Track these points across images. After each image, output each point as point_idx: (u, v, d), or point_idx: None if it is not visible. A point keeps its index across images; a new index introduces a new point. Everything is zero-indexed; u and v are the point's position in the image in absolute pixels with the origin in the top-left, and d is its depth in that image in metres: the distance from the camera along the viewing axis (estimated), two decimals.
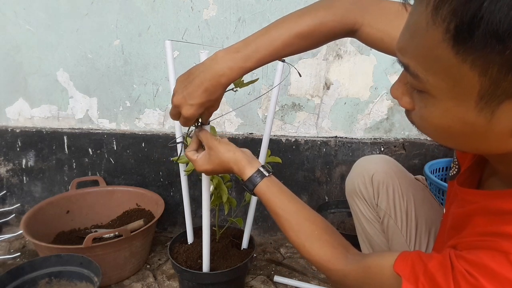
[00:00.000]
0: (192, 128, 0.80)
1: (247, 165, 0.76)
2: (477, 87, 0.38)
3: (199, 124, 0.80)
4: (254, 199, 1.11)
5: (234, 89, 0.84)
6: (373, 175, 0.89)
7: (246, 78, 0.87)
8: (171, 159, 1.06)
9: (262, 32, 0.66)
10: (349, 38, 1.34)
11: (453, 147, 0.49)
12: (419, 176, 0.96)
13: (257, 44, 0.66)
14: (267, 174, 0.77)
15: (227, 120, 1.47)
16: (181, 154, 1.01)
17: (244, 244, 1.16)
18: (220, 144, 0.76)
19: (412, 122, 0.50)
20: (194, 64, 0.69)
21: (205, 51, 0.81)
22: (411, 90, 0.47)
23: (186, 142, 0.98)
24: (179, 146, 1.03)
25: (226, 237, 1.21)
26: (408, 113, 0.50)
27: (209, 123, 0.84)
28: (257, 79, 0.92)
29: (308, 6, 0.67)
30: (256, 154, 1.09)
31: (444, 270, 0.46)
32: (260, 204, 1.51)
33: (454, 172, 0.70)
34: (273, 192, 0.76)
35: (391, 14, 0.66)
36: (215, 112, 0.76)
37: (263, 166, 0.77)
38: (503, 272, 0.41)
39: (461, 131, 0.43)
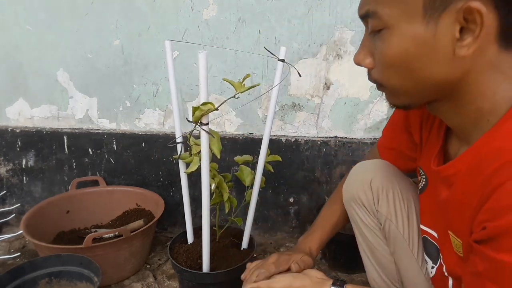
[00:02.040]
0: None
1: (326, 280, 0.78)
2: (421, 2, 0.48)
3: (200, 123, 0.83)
4: (254, 199, 1.11)
5: (236, 96, 0.85)
6: (372, 181, 0.87)
7: (247, 82, 0.88)
8: (173, 157, 1.06)
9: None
10: (349, 38, 1.34)
11: (410, 83, 0.54)
12: (416, 179, 0.95)
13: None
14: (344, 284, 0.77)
15: (227, 120, 1.47)
16: (181, 154, 1.01)
17: (244, 244, 1.16)
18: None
19: (374, 80, 0.58)
20: (194, 65, 0.69)
21: (204, 51, 0.81)
22: (370, 50, 0.56)
23: (189, 142, 0.98)
24: (179, 146, 1.03)
25: (226, 237, 1.21)
26: (370, 74, 0.59)
27: (207, 123, 0.84)
28: (258, 84, 0.92)
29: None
30: (256, 154, 1.09)
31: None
32: (261, 204, 1.51)
33: (423, 184, 0.74)
34: None
35: None
36: (214, 112, 0.77)
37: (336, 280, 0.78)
38: None
39: (416, 53, 0.51)
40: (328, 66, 1.38)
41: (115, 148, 1.51)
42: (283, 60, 0.94)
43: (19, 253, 1.39)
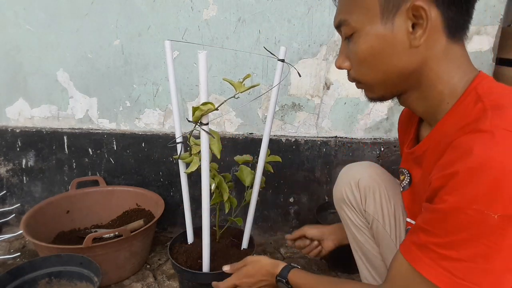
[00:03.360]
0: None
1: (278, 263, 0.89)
2: (377, 6, 0.60)
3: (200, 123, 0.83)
4: (254, 199, 1.11)
5: (236, 96, 0.85)
6: (359, 181, 0.91)
7: (247, 82, 0.88)
8: (173, 157, 1.06)
9: None
10: None
11: (381, 75, 0.64)
12: None
13: None
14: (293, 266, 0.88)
15: (227, 120, 1.47)
16: (181, 154, 1.01)
17: (244, 244, 1.16)
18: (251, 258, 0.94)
19: (353, 79, 0.69)
20: (194, 65, 0.70)
21: (204, 51, 0.80)
22: (347, 54, 0.67)
23: (189, 142, 0.98)
24: (179, 146, 1.03)
25: (226, 237, 1.21)
26: (349, 75, 0.70)
27: (207, 123, 0.84)
28: (258, 84, 0.92)
29: None
30: (256, 153, 1.09)
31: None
32: (260, 204, 1.51)
33: (406, 182, 0.79)
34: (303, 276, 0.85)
35: None
36: (214, 112, 0.77)
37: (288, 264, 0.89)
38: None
39: (380, 48, 0.61)
40: (328, 66, 1.38)
41: (115, 148, 1.51)
42: (283, 60, 0.94)
43: (19, 253, 1.39)
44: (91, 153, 1.52)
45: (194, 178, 1.50)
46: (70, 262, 1.13)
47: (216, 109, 0.84)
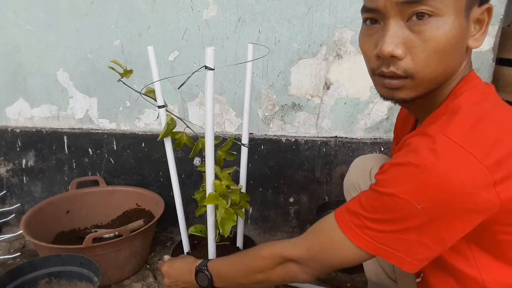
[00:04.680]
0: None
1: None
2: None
3: None
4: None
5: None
6: (371, 169, 0.92)
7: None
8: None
9: None
10: (349, 38, 1.34)
11: (442, 69, 0.59)
12: None
13: None
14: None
15: (227, 120, 1.47)
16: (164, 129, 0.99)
17: (239, 243, 1.15)
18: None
19: (404, 70, 0.58)
20: (194, 65, 0.70)
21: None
22: (404, 39, 0.57)
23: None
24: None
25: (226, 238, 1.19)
26: (396, 65, 0.58)
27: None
28: (131, 71, 0.96)
29: None
30: (256, 153, 1.09)
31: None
32: (260, 204, 1.51)
33: None
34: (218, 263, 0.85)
35: None
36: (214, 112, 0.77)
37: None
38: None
39: (457, 41, 0.57)
40: (328, 66, 1.38)
41: (115, 148, 1.51)
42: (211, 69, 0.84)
43: (19, 253, 1.39)
44: (91, 153, 1.52)
45: (195, 178, 1.50)
46: (70, 262, 1.13)
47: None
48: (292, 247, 0.71)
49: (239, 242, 1.16)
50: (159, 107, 0.99)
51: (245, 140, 1.03)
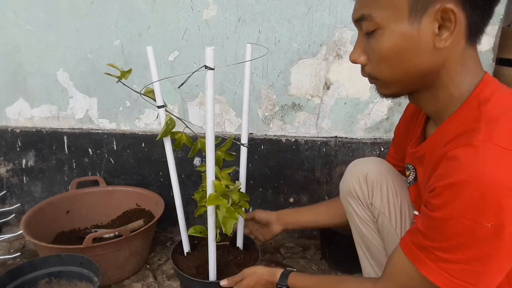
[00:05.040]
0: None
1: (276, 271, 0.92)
2: (406, 5, 0.59)
3: None
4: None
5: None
6: (367, 174, 0.91)
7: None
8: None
9: None
10: (349, 38, 1.34)
11: (400, 73, 0.63)
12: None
13: None
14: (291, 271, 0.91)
15: (227, 120, 1.47)
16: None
17: (239, 243, 1.15)
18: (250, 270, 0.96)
19: (368, 74, 0.67)
20: (194, 65, 0.70)
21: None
22: (364, 48, 0.65)
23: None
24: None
25: (227, 237, 1.18)
26: (363, 70, 0.68)
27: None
28: (129, 71, 0.94)
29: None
30: (256, 153, 1.09)
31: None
32: (261, 204, 1.51)
33: (412, 177, 0.81)
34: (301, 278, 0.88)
35: None
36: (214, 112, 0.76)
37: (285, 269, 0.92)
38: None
39: (404, 47, 0.60)
40: (328, 66, 1.38)
41: (115, 148, 1.51)
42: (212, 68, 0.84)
43: (19, 253, 1.39)
44: (91, 153, 1.52)
45: (195, 178, 1.50)
46: (70, 262, 1.13)
47: None
48: None
49: (239, 243, 1.16)
50: (159, 107, 0.99)
51: (244, 140, 1.03)
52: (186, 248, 1.13)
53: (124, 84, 0.95)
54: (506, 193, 0.51)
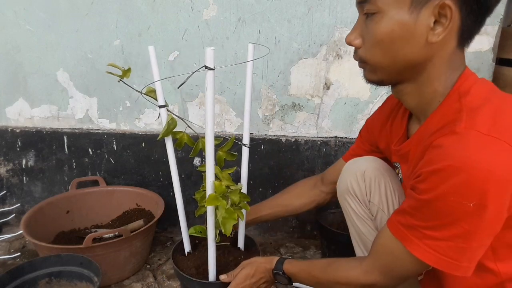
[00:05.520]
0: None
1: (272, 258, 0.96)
2: None
3: None
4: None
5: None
6: (365, 172, 0.92)
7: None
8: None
9: None
10: None
11: (390, 59, 0.66)
12: None
13: None
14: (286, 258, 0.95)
15: (227, 120, 1.47)
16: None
17: (240, 243, 1.15)
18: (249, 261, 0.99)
19: (359, 58, 0.70)
20: (194, 65, 0.70)
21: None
22: (361, 31, 0.67)
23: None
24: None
25: (226, 237, 1.18)
26: (356, 53, 0.70)
27: None
28: (129, 70, 0.93)
29: None
30: (256, 153, 1.09)
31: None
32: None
33: (401, 176, 0.84)
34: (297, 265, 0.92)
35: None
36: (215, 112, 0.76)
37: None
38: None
39: (399, 35, 0.63)
40: (328, 66, 1.38)
41: (115, 148, 1.51)
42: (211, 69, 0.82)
43: (19, 253, 1.39)
44: (91, 153, 1.52)
45: (195, 178, 1.50)
46: (70, 262, 1.13)
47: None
48: (367, 274, 0.75)
49: (240, 243, 1.16)
50: (160, 106, 0.99)
51: (246, 140, 1.02)
52: (187, 248, 1.13)
53: (126, 84, 0.95)
54: (489, 176, 0.54)
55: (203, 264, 1.06)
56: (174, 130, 1.01)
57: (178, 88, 1.05)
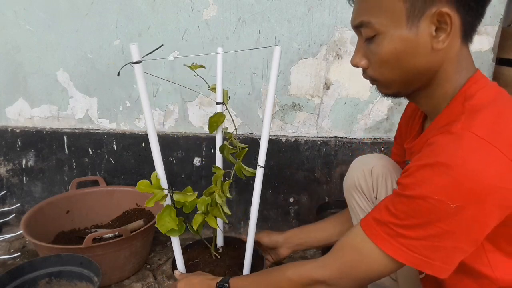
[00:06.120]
0: None
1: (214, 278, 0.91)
2: (404, 11, 0.61)
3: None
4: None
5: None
6: (373, 168, 0.92)
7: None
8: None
9: None
10: (349, 38, 1.34)
11: (400, 74, 0.66)
12: None
13: None
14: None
15: (227, 120, 1.47)
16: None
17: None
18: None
19: (370, 77, 0.70)
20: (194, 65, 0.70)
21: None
22: (365, 53, 0.68)
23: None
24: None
25: (225, 252, 1.15)
26: (365, 72, 0.70)
27: None
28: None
29: None
30: (256, 153, 1.09)
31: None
32: (260, 204, 1.51)
33: None
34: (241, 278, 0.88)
35: None
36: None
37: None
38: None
39: (403, 50, 0.63)
40: (328, 66, 1.38)
41: (115, 148, 1.51)
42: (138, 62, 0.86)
43: (19, 253, 1.39)
44: (91, 153, 1.52)
45: (195, 178, 1.50)
46: (70, 262, 1.12)
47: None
48: (321, 269, 0.71)
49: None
50: (218, 103, 1.06)
51: (261, 161, 1.02)
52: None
53: (199, 76, 0.99)
54: (475, 178, 0.54)
55: (204, 267, 1.06)
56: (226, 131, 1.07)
57: (117, 75, 0.98)
